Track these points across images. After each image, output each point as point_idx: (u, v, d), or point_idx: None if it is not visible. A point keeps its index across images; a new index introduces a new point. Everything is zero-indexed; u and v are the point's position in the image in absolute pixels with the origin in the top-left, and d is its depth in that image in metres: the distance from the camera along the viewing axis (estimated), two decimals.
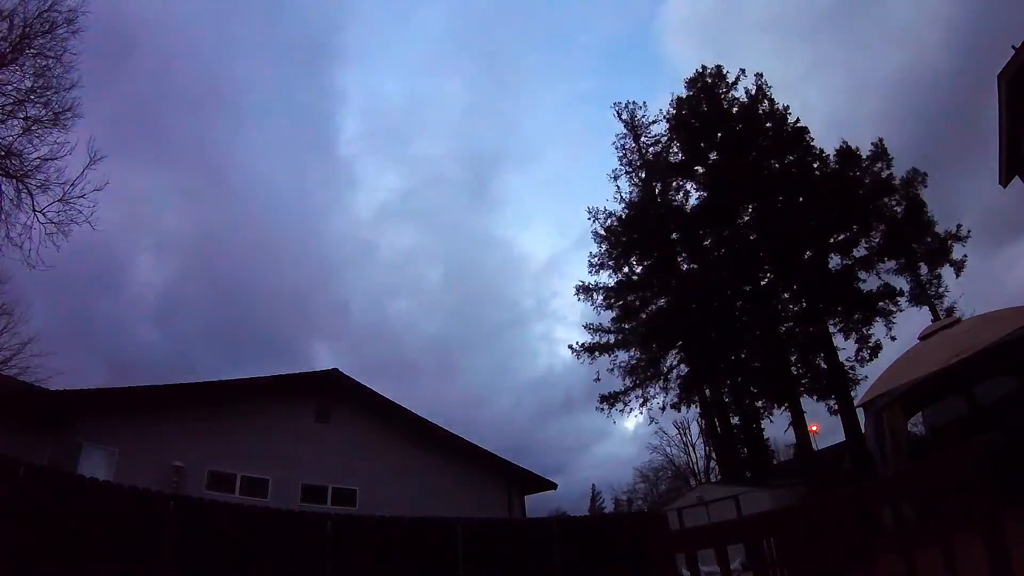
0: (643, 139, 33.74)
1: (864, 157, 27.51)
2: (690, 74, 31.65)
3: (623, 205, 32.40)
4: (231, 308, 60.51)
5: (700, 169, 30.82)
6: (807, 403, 26.71)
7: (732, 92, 30.90)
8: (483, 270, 76.68)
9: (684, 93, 31.52)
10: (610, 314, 31.40)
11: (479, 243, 77.08)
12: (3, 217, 12.47)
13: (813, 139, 28.83)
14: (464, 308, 71.98)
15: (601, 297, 31.47)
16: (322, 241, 72.00)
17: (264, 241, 64.98)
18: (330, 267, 71.10)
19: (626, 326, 31.02)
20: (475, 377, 67.98)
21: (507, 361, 70.08)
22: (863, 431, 15.61)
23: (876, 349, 25.55)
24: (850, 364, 25.81)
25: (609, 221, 32.08)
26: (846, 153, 27.72)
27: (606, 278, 31.93)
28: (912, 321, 25.23)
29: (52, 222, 12.67)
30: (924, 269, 26.14)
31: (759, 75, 30.19)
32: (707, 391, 30.23)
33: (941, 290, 25.79)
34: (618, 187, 32.95)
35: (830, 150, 28.37)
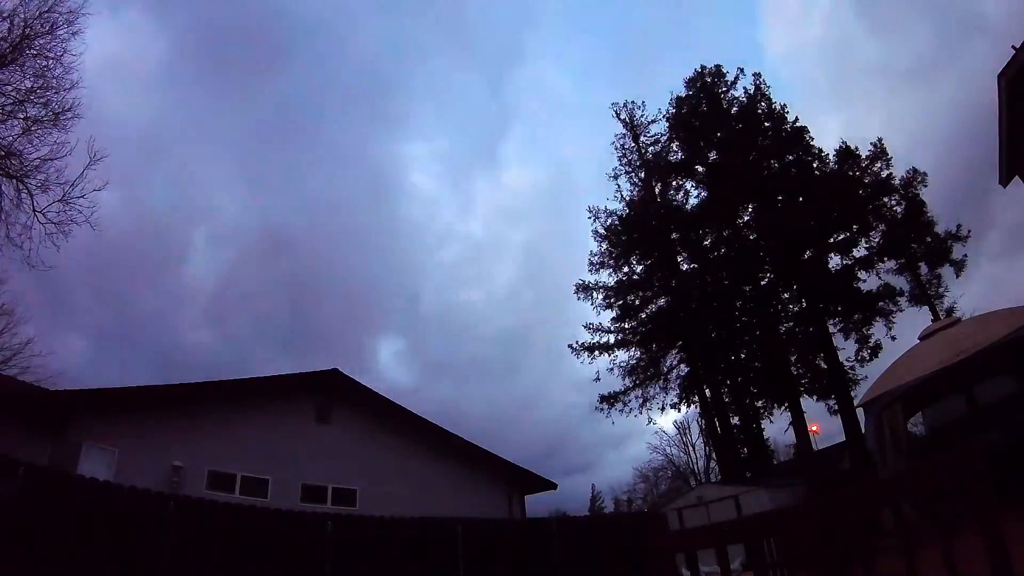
0: (642, 139, 33.79)
1: (864, 157, 27.53)
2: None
3: (623, 204, 32.48)
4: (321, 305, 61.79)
5: (700, 168, 30.83)
6: (807, 403, 26.75)
7: (731, 92, 30.96)
8: (562, 270, 76.62)
9: (684, 93, 31.60)
10: (610, 313, 31.46)
11: (567, 244, 77.02)
12: (3, 217, 12.47)
13: (813, 139, 28.90)
14: (535, 307, 72.04)
15: (601, 296, 31.48)
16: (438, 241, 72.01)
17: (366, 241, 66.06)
18: (438, 272, 70.61)
19: (626, 326, 31.03)
20: (533, 374, 68.60)
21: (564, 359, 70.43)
22: (863, 431, 15.61)
23: (876, 349, 25.55)
24: (850, 364, 25.83)
25: (609, 220, 32.12)
26: (846, 153, 27.74)
27: (606, 277, 31.99)
28: (912, 321, 25.26)
29: (52, 222, 12.68)
30: (924, 269, 26.16)
31: (757, 75, 30.28)
32: (707, 391, 30.23)
33: (941, 290, 25.83)
34: (618, 186, 33.02)
35: (830, 150, 28.46)
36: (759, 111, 29.85)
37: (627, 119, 34.04)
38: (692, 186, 31.58)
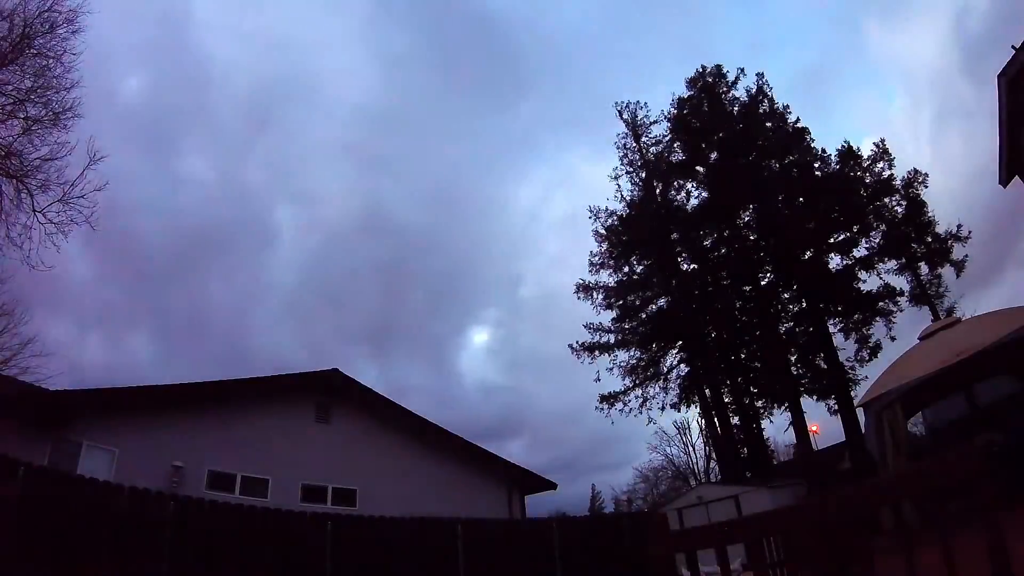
0: (644, 139, 33.77)
1: (865, 157, 27.53)
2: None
3: (624, 204, 32.47)
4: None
5: (700, 169, 30.82)
6: (807, 403, 26.76)
7: (732, 92, 30.94)
8: None
9: (685, 93, 31.59)
10: (610, 314, 31.47)
11: None
12: (3, 217, 12.46)
13: (814, 139, 28.90)
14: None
15: (601, 296, 31.49)
16: None
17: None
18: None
19: (626, 326, 31.04)
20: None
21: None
22: (863, 431, 15.60)
23: (876, 349, 25.58)
24: (850, 364, 25.87)
25: (610, 220, 32.13)
26: (847, 153, 27.73)
27: (606, 277, 32.00)
28: (912, 321, 25.26)
29: (52, 222, 12.64)
30: (924, 269, 26.17)
31: (760, 75, 30.24)
32: (707, 391, 30.23)
33: (941, 290, 25.84)
34: (619, 186, 33.01)
35: (831, 150, 28.45)
36: (760, 111, 29.85)
37: (629, 119, 34.05)
38: (693, 186, 31.62)
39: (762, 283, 28.70)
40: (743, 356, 29.61)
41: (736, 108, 30.40)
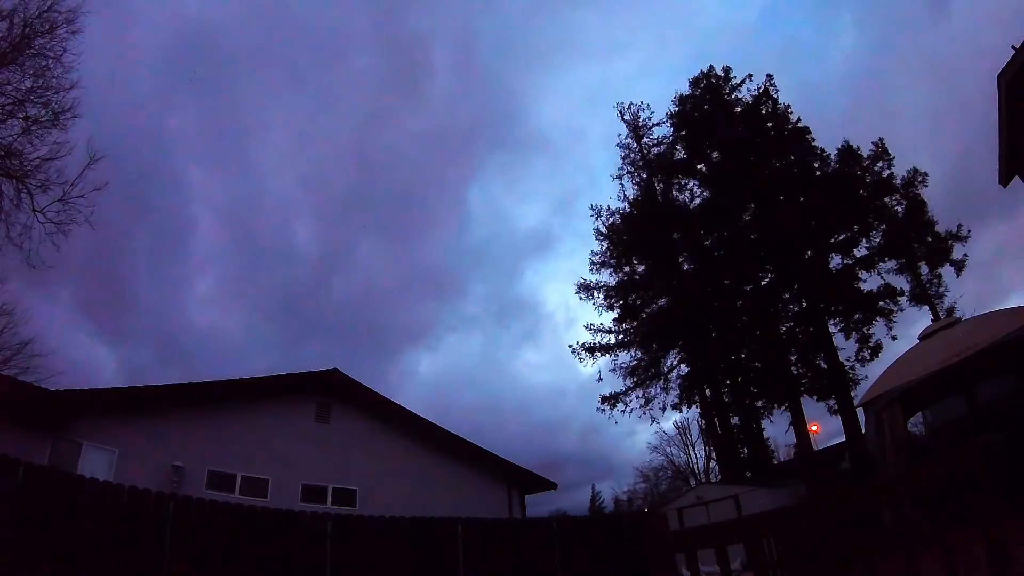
0: (645, 140, 33.78)
1: (865, 156, 27.51)
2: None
3: (625, 204, 32.49)
4: None
5: (702, 167, 30.79)
6: (807, 403, 26.74)
7: (736, 93, 30.86)
8: None
9: (687, 92, 31.53)
10: (611, 314, 31.49)
11: None
12: (3, 217, 12.47)
13: (814, 139, 28.85)
14: None
15: (602, 296, 31.53)
16: None
17: None
18: None
19: (627, 326, 31.05)
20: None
21: None
22: (863, 431, 15.60)
23: (876, 349, 25.55)
24: (850, 364, 25.83)
25: (611, 220, 32.15)
26: (847, 153, 27.71)
27: (607, 277, 32.01)
28: (912, 321, 25.25)
29: (52, 222, 12.69)
30: (924, 269, 26.16)
31: (769, 76, 30.03)
32: (707, 391, 30.23)
33: (941, 290, 25.83)
34: (621, 186, 33.05)
35: (831, 150, 28.41)
36: (762, 111, 29.79)
37: (631, 120, 34.04)
38: (695, 186, 31.60)
39: (762, 283, 28.68)
40: (743, 356, 29.60)
41: (738, 108, 30.35)
